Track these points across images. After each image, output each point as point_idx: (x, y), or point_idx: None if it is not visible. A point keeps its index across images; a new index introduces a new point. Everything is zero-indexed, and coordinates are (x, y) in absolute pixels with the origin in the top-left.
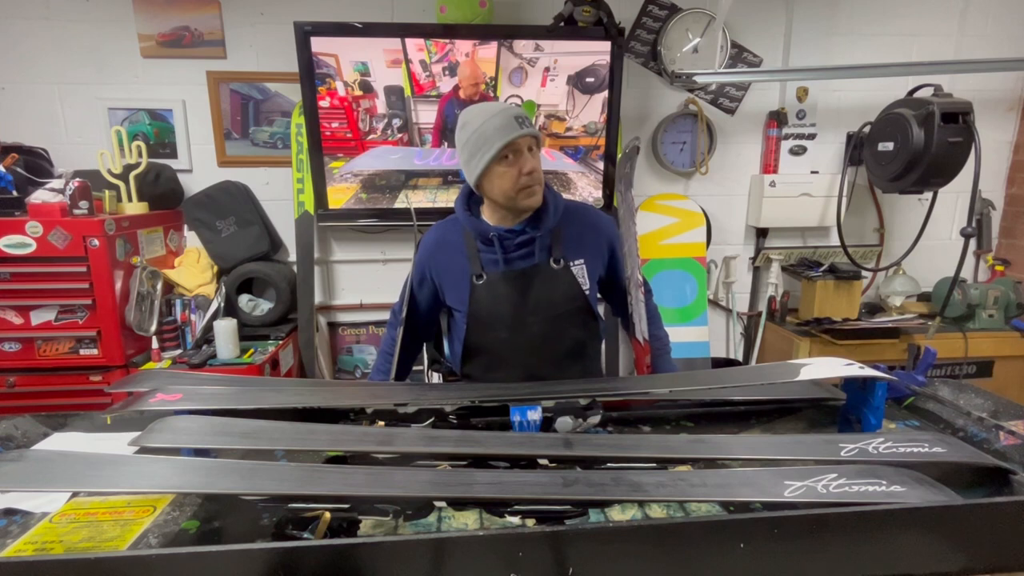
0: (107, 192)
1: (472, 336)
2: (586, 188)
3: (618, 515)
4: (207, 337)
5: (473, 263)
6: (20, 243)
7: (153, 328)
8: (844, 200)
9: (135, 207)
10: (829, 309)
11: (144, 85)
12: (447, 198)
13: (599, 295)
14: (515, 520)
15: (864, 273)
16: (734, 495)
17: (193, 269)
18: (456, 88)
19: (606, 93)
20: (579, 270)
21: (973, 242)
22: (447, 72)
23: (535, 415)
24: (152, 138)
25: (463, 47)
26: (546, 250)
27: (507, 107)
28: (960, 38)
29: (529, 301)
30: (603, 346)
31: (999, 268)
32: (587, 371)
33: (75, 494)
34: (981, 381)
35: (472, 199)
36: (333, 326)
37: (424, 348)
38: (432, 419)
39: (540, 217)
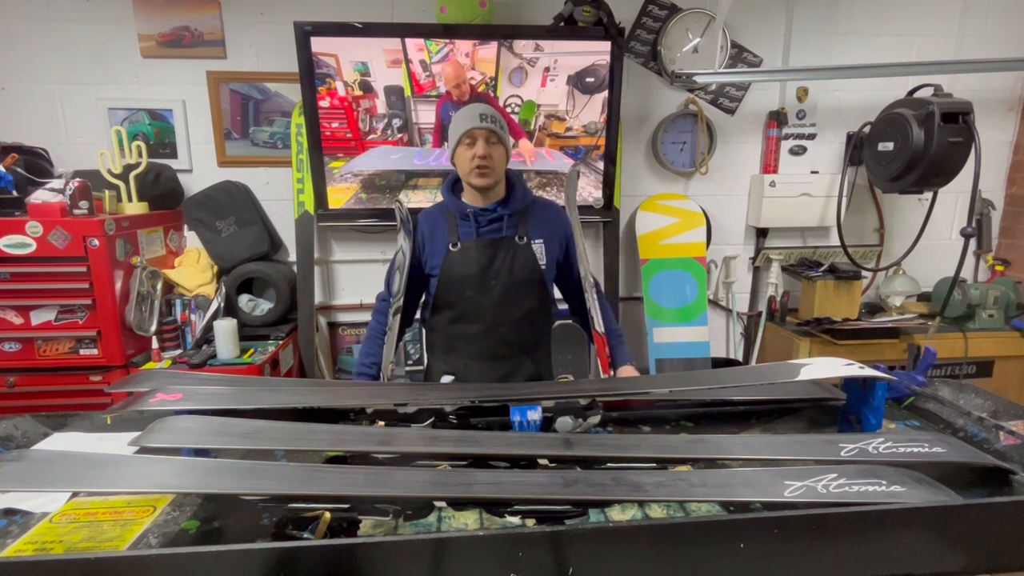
0: (107, 192)
1: (442, 293)
2: (586, 188)
3: (618, 515)
4: (207, 337)
5: (452, 234)
6: (20, 243)
7: (153, 328)
8: (844, 200)
9: (135, 207)
10: (829, 309)
11: (144, 85)
12: None
13: (559, 291)
14: (515, 520)
15: (864, 273)
16: (734, 495)
17: (193, 269)
18: (449, 91)
19: (606, 93)
20: (538, 248)
21: (973, 242)
22: (443, 74)
23: (535, 415)
24: (152, 138)
25: (463, 47)
26: (513, 228)
27: (481, 106)
28: (960, 38)
29: (494, 265)
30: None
31: (999, 268)
32: (538, 342)
33: (75, 494)
34: (981, 381)
35: (456, 185)
36: (333, 326)
37: (424, 348)
38: (432, 419)
39: (509, 200)
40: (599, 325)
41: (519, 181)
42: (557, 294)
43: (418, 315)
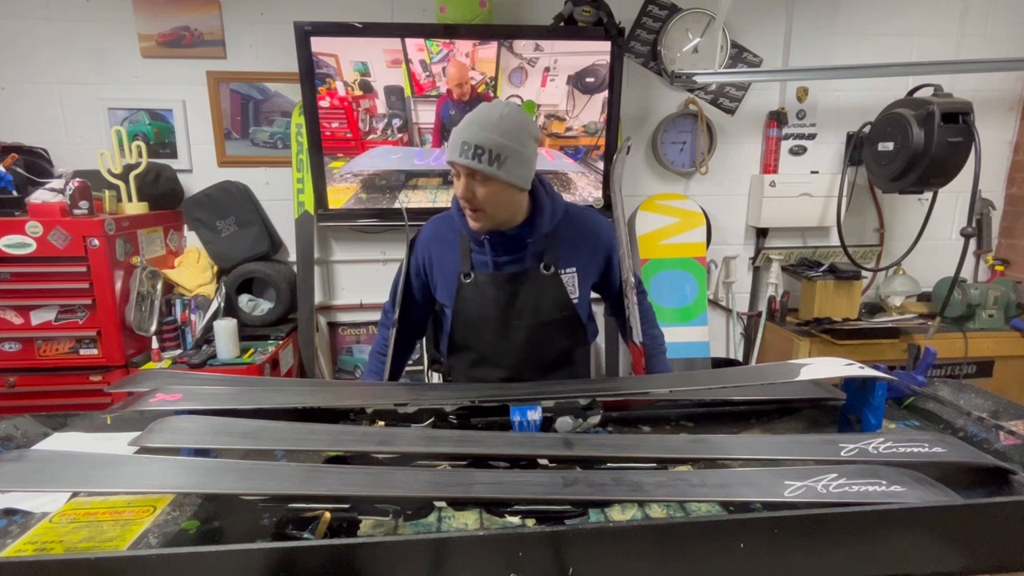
0: (107, 192)
1: (457, 334)
2: (586, 188)
3: (618, 515)
4: (207, 337)
5: (464, 261)
6: (20, 243)
7: (153, 328)
8: (844, 200)
9: (135, 207)
10: (829, 309)
11: (144, 85)
12: (447, 198)
13: (597, 294)
14: (515, 520)
15: (864, 273)
16: (734, 495)
17: (193, 269)
18: (450, 89)
19: (606, 93)
20: (569, 278)
21: (973, 242)
22: (446, 73)
23: (535, 415)
24: (152, 138)
25: (463, 47)
26: (537, 255)
27: (471, 127)
28: (960, 38)
29: (515, 306)
30: (602, 347)
31: (999, 268)
32: (574, 375)
33: (75, 494)
34: (981, 381)
35: None
36: (333, 326)
37: (424, 348)
38: (432, 419)
39: (533, 221)
40: (637, 336)
41: (547, 194)
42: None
43: (436, 347)
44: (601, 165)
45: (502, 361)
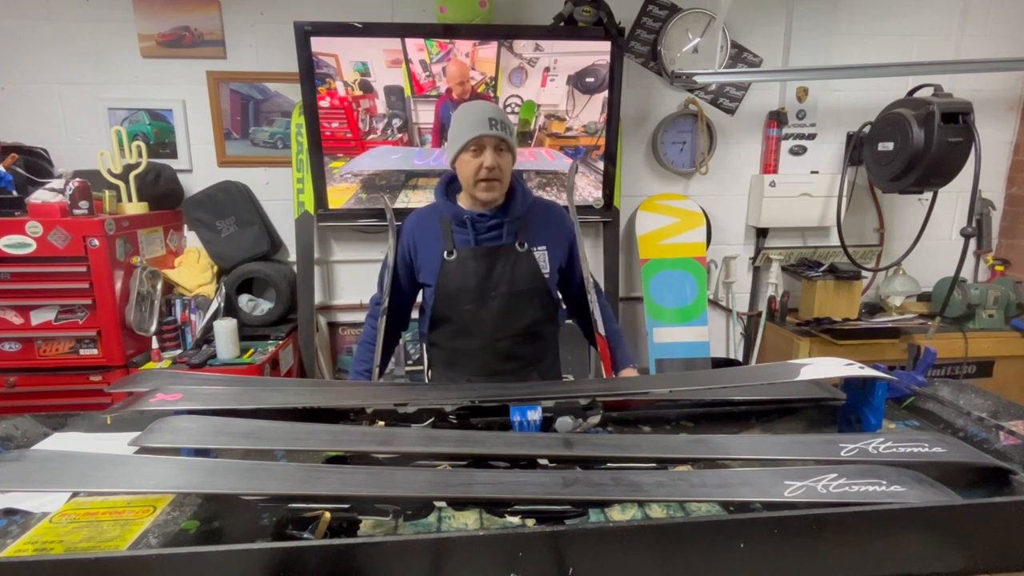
0: (107, 192)
1: (439, 307)
2: (586, 188)
3: (618, 515)
4: (207, 337)
5: (446, 242)
6: (20, 243)
7: (153, 328)
8: (844, 200)
9: (135, 207)
10: (829, 309)
11: (144, 85)
12: None
13: (560, 294)
14: (515, 520)
15: (864, 273)
16: (734, 495)
17: (193, 269)
18: (450, 89)
19: (606, 93)
20: (541, 255)
21: (973, 242)
22: (447, 72)
23: (535, 415)
24: (152, 138)
25: (463, 47)
26: (512, 235)
27: (489, 108)
28: (960, 38)
29: (493, 276)
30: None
31: (999, 268)
32: (544, 353)
33: (75, 494)
34: (981, 381)
35: (450, 187)
36: (333, 326)
37: (424, 349)
38: (432, 419)
39: (509, 205)
40: (601, 327)
41: (520, 183)
42: None
43: (419, 328)
44: (601, 165)
45: (479, 330)
